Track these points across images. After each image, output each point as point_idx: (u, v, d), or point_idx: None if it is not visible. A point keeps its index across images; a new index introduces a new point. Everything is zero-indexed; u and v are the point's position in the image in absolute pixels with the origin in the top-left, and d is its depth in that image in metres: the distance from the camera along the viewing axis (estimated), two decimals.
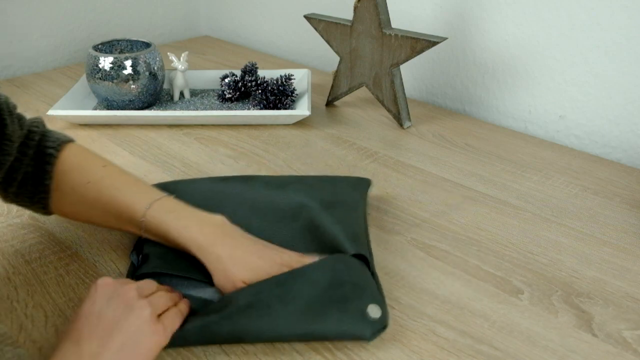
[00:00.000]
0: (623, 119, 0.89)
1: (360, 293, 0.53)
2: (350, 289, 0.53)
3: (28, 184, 0.61)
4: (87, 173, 0.61)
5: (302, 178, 0.73)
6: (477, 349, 0.52)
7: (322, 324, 0.51)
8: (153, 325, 0.48)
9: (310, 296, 0.52)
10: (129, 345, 0.46)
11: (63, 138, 0.64)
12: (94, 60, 0.96)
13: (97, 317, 0.46)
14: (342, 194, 0.69)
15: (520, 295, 0.59)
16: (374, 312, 0.52)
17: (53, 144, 0.62)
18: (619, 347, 0.52)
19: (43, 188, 0.61)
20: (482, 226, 0.70)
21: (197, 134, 0.94)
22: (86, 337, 0.45)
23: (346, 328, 0.51)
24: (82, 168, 0.62)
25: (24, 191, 0.61)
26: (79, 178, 0.61)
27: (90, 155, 0.64)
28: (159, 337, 0.48)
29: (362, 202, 0.69)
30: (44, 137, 0.62)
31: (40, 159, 0.61)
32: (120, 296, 0.48)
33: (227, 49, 1.42)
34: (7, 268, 0.62)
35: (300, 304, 0.52)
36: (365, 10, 0.91)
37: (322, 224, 0.63)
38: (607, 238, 0.68)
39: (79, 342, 0.44)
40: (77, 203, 0.61)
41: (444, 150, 0.89)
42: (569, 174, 0.83)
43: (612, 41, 0.87)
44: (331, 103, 1.06)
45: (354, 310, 0.52)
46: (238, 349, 0.52)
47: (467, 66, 1.05)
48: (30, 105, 1.06)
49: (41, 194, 0.61)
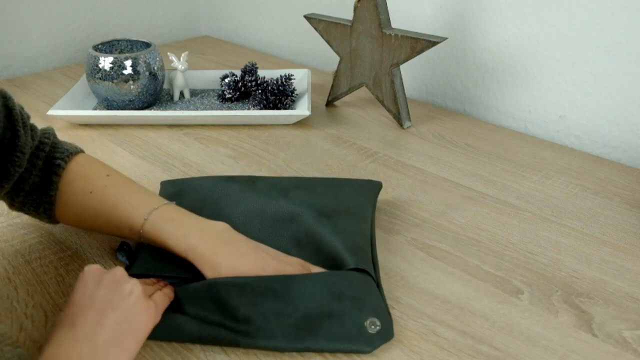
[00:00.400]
0: (623, 119, 0.89)
1: (360, 306, 0.52)
2: (350, 303, 0.52)
3: (34, 194, 0.61)
4: (90, 182, 0.61)
5: (308, 181, 0.71)
6: (477, 349, 0.52)
7: (318, 340, 0.50)
8: (145, 302, 0.48)
9: (308, 310, 0.51)
10: (123, 322, 0.46)
11: (72, 149, 0.64)
12: (94, 60, 0.96)
13: (89, 299, 0.47)
14: (347, 201, 0.66)
15: (520, 295, 0.59)
16: (373, 325, 0.51)
17: (62, 155, 0.62)
18: (619, 347, 0.52)
19: (48, 199, 0.61)
20: (482, 226, 0.70)
21: (197, 134, 0.94)
22: (80, 320, 0.45)
23: (343, 345, 0.50)
24: (87, 177, 0.62)
25: (30, 201, 0.62)
26: (82, 187, 0.61)
27: (97, 165, 0.64)
28: (151, 314, 0.49)
29: (370, 208, 0.67)
30: (53, 149, 0.63)
31: (48, 169, 0.61)
32: (110, 277, 0.49)
33: (227, 49, 1.42)
34: (7, 268, 0.62)
35: (297, 319, 0.51)
36: (365, 10, 0.91)
37: (320, 234, 0.61)
38: (607, 238, 0.68)
39: (74, 326, 0.45)
40: (81, 212, 0.61)
41: (444, 150, 0.89)
42: (569, 174, 0.83)
43: (612, 41, 0.87)
44: (331, 103, 1.06)
45: (351, 325, 0.51)
46: (238, 349, 0.52)
47: (467, 66, 1.05)
48: (30, 105, 1.06)
49: (46, 204, 0.62)
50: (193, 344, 0.52)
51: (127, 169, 0.83)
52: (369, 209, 0.67)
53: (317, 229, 0.61)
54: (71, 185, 0.61)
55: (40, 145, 0.61)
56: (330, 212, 0.64)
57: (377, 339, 0.51)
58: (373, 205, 0.68)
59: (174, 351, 0.51)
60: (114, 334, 0.45)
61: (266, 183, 0.69)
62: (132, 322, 0.47)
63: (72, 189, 0.61)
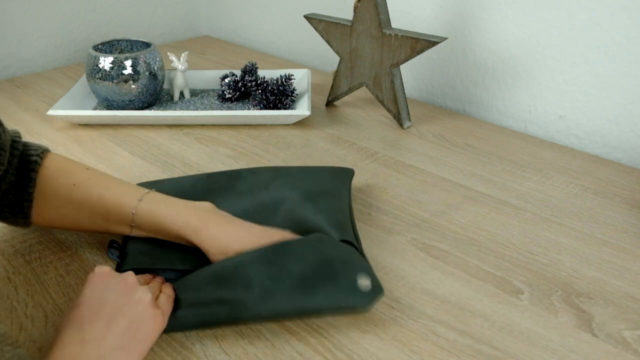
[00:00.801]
0: (623, 119, 0.89)
1: (348, 267, 0.55)
2: (340, 264, 0.55)
3: (10, 194, 0.60)
4: (72, 176, 0.61)
5: (286, 171, 0.73)
6: (477, 349, 0.52)
7: (315, 299, 0.53)
8: (153, 310, 0.49)
9: (302, 273, 0.54)
10: (131, 329, 0.47)
11: (44, 147, 0.64)
12: (94, 60, 0.96)
13: (98, 302, 0.47)
14: (324, 183, 0.70)
15: (520, 295, 0.59)
16: (364, 282, 0.54)
17: (36, 152, 0.61)
18: (619, 347, 0.52)
19: (27, 196, 0.60)
20: (482, 226, 0.70)
21: (197, 134, 0.94)
22: (88, 322, 0.45)
23: (340, 301, 0.53)
24: (67, 171, 0.62)
25: (6, 202, 0.61)
26: (64, 181, 0.61)
27: (72, 161, 0.64)
28: (159, 321, 0.50)
29: (346, 191, 0.70)
30: (25, 147, 0.62)
31: (24, 167, 0.60)
32: (121, 282, 0.50)
33: (227, 49, 1.42)
34: (7, 268, 0.62)
35: (292, 281, 0.53)
36: (365, 10, 0.91)
37: (304, 216, 0.64)
38: (607, 238, 0.68)
39: (82, 328, 0.45)
40: (62, 207, 0.61)
41: (444, 150, 0.89)
42: (569, 174, 0.83)
43: (612, 41, 0.87)
44: (331, 103, 1.06)
45: (345, 283, 0.54)
46: (238, 349, 0.52)
47: (467, 66, 1.05)
48: (30, 105, 1.06)
49: (24, 203, 0.60)
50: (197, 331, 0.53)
51: (127, 169, 0.83)
52: (345, 190, 0.70)
53: (300, 212, 0.64)
54: (51, 180, 0.61)
55: (13, 144, 0.60)
56: (310, 196, 0.67)
57: (370, 295, 0.53)
58: (348, 188, 0.72)
59: (173, 351, 0.51)
60: (122, 340, 0.46)
61: (246, 183, 0.71)
62: (141, 330, 0.48)
63: (52, 184, 0.61)
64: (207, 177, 0.73)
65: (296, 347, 0.52)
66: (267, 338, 0.53)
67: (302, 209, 0.65)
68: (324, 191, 0.68)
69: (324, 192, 0.68)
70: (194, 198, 0.63)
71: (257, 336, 0.53)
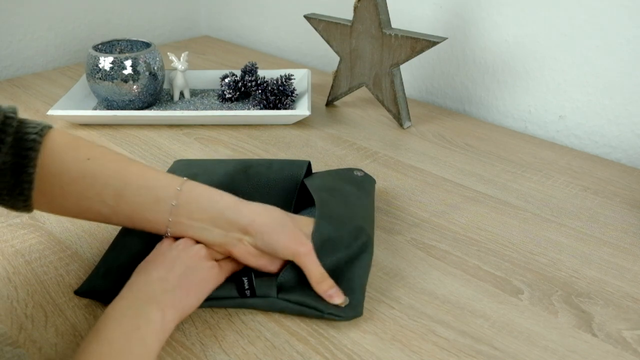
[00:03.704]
0: (623, 119, 0.89)
1: (349, 284, 0.56)
2: (343, 278, 0.57)
3: (7, 175, 0.54)
4: (84, 150, 0.57)
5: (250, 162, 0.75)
6: (477, 349, 0.52)
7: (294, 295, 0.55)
8: (208, 261, 0.56)
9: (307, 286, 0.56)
10: (188, 273, 0.53)
11: (45, 123, 0.58)
12: (94, 60, 0.96)
13: (162, 256, 0.55)
14: (281, 171, 0.71)
15: (520, 295, 0.59)
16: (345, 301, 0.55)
17: (34, 130, 0.55)
18: (619, 347, 0.52)
19: (27, 177, 0.54)
20: (482, 226, 0.70)
21: (197, 134, 0.94)
22: (153, 267, 0.53)
23: (317, 303, 0.55)
24: (77, 146, 0.58)
25: (3, 184, 0.55)
26: (74, 155, 0.56)
27: (81, 137, 0.60)
28: (214, 272, 0.55)
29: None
30: (22, 124, 0.56)
31: (21, 146, 0.55)
32: (182, 242, 0.56)
33: (227, 49, 1.42)
34: (7, 268, 0.62)
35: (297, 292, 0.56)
36: (365, 10, 0.91)
37: (267, 175, 0.69)
38: (607, 238, 0.68)
39: (148, 271, 0.53)
40: (72, 183, 0.56)
41: (444, 150, 0.89)
42: (569, 174, 0.83)
43: (612, 41, 0.87)
44: (331, 103, 1.06)
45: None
46: (238, 349, 0.52)
47: (467, 66, 1.05)
48: (30, 105, 1.06)
49: (23, 184, 0.55)
50: (197, 331, 0.53)
51: None
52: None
53: (265, 173, 0.70)
54: (59, 154, 0.56)
55: (6, 120, 0.54)
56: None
57: (345, 311, 0.54)
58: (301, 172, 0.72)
59: (173, 351, 0.51)
60: (181, 281, 0.52)
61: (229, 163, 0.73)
62: (196, 275, 0.54)
63: (59, 159, 0.56)
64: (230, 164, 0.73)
65: (296, 347, 0.52)
66: (267, 338, 0.53)
67: (268, 172, 0.70)
68: (281, 176, 0.70)
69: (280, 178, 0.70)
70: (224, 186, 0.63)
71: (257, 336, 0.53)
